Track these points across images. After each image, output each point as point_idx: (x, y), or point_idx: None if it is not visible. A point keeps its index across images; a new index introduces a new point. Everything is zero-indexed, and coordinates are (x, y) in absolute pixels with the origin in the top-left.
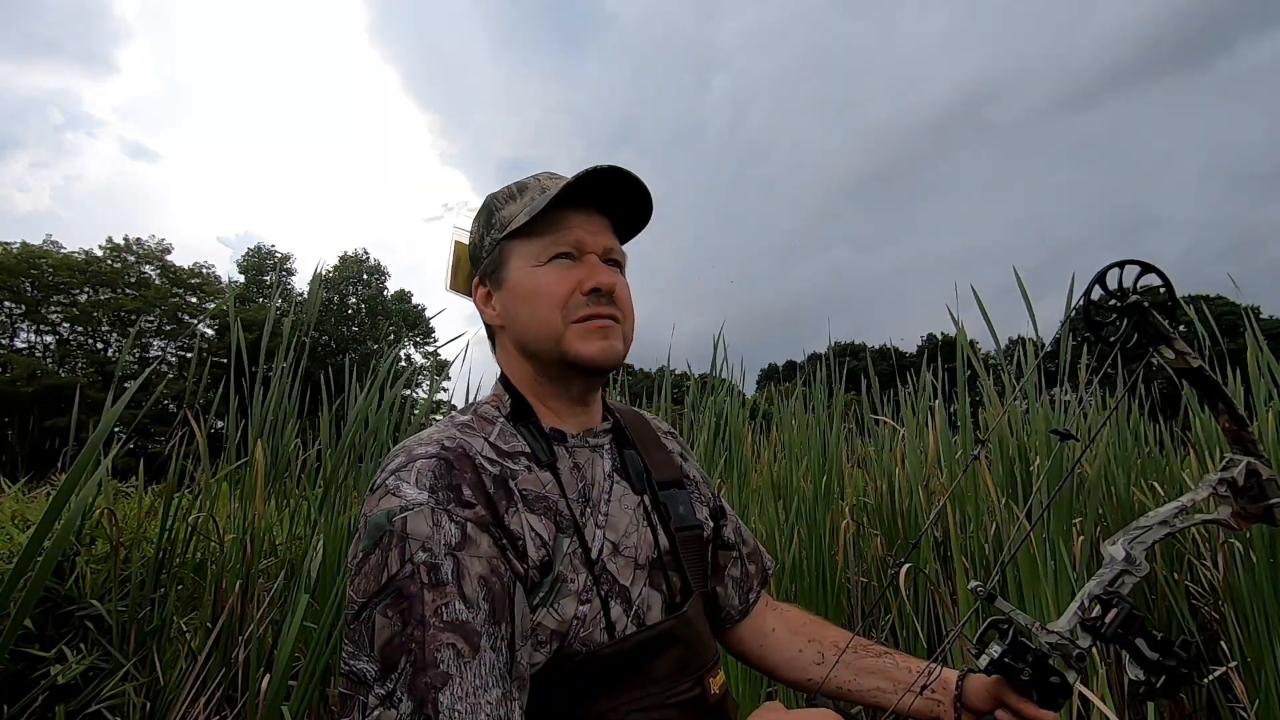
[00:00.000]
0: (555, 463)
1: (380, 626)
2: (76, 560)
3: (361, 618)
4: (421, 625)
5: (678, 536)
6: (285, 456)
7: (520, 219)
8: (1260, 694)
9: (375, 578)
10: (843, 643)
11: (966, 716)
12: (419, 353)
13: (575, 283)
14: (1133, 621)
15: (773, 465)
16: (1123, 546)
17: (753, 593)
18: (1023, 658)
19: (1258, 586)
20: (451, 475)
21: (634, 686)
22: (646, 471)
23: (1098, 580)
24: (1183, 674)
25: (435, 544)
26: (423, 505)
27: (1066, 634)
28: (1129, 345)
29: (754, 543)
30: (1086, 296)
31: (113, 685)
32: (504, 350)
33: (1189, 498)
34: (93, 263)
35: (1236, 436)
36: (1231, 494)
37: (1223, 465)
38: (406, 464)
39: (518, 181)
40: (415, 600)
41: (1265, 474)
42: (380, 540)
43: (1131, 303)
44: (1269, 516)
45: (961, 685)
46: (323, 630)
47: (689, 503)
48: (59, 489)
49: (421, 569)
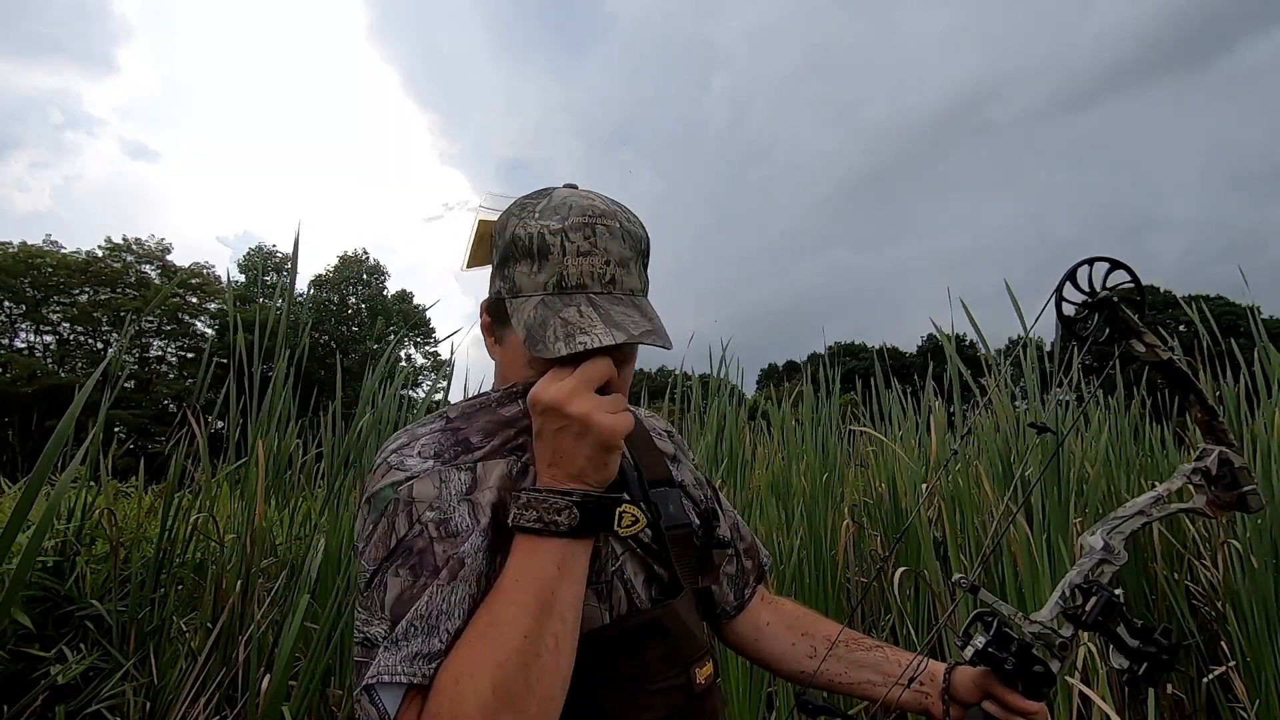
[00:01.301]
0: None
1: (391, 586)
2: (76, 560)
3: (374, 584)
4: (434, 573)
5: (667, 535)
6: (286, 456)
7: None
8: (1260, 694)
9: (384, 544)
10: (835, 636)
11: (954, 708)
12: (419, 353)
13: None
14: (1113, 609)
15: (772, 465)
16: (1101, 536)
17: (748, 588)
18: (1006, 647)
19: (1258, 586)
20: (457, 434)
21: (621, 671)
22: (637, 470)
23: (1078, 569)
24: (1164, 661)
25: (443, 500)
26: (428, 471)
27: (1049, 623)
28: (1101, 340)
29: (751, 539)
30: (1058, 293)
31: (112, 685)
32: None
33: (1165, 488)
34: (93, 263)
35: (1208, 427)
36: (1206, 482)
37: (1196, 455)
38: (409, 442)
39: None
40: (426, 553)
41: (1237, 462)
42: (386, 509)
43: (1101, 298)
44: (1242, 504)
45: (949, 677)
46: (323, 630)
47: (679, 502)
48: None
49: (430, 525)
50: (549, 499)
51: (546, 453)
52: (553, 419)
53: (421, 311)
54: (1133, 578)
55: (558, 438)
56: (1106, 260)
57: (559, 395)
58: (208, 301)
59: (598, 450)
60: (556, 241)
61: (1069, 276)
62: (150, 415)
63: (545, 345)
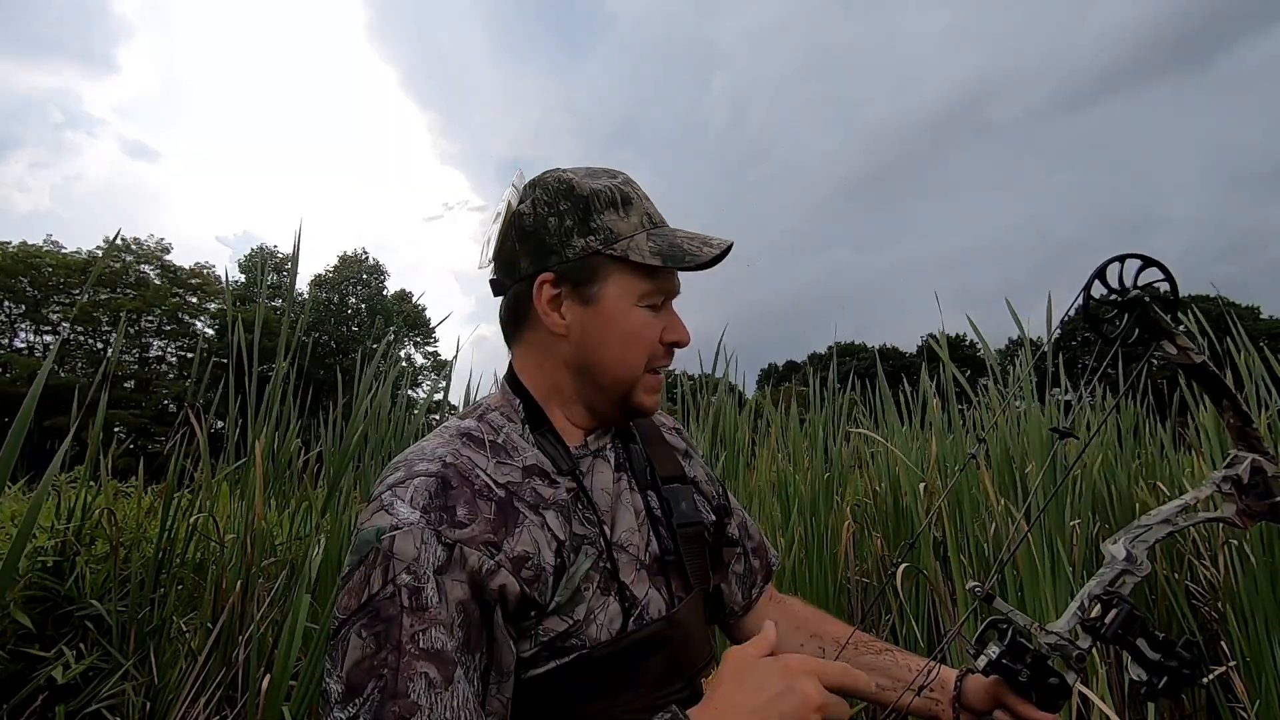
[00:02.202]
0: (577, 470)
1: (352, 646)
2: (76, 560)
3: (339, 635)
4: (397, 650)
5: (680, 533)
6: (286, 456)
7: (644, 253)
8: (1260, 694)
9: (356, 595)
10: (844, 637)
11: (965, 716)
12: (419, 353)
13: (660, 331)
14: (1133, 622)
15: (771, 465)
16: (1124, 546)
17: (756, 588)
18: (1021, 659)
19: (1258, 586)
20: (447, 495)
21: (625, 689)
22: (650, 466)
23: (1098, 580)
24: (1185, 675)
25: (420, 566)
26: (413, 525)
27: (1066, 635)
28: (1130, 341)
29: (759, 538)
30: (1086, 291)
31: (112, 685)
32: (538, 353)
33: (1192, 496)
34: (93, 263)
35: (1241, 433)
36: (1236, 491)
37: (1227, 462)
38: (404, 480)
39: (612, 184)
40: (393, 624)
41: (1271, 470)
42: (366, 557)
43: (1132, 297)
44: (1275, 513)
45: (960, 685)
46: (323, 630)
47: (691, 498)
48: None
49: (403, 591)
50: None
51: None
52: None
53: (424, 313)
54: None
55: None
56: (1139, 257)
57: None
58: (208, 301)
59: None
60: (629, 191)
61: (1098, 274)
62: (150, 415)
63: (694, 256)
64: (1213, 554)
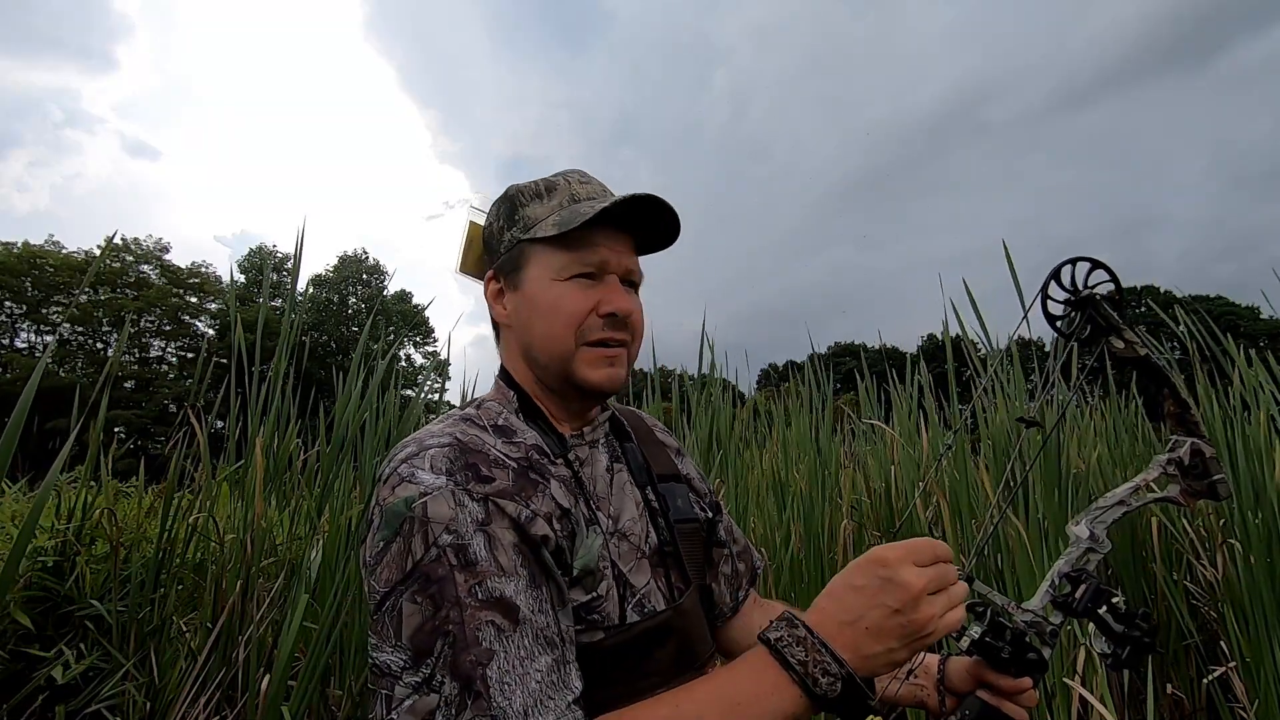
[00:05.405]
0: (568, 454)
1: (409, 614)
2: (76, 560)
3: (385, 608)
4: (457, 606)
5: (677, 529)
6: (285, 456)
7: (547, 227)
8: (1260, 694)
9: (399, 565)
10: None
11: (949, 699)
12: (419, 353)
13: (594, 303)
14: (1100, 595)
15: (769, 464)
16: (1086, 525)
17: (742, 590)
18: (1001, 636)
19: (1257, 586)
20: (467, 457)
21: (633, 678)
22: (645, 464)
23: (1066, 559)
24: (1145, 644)
25: (460, 524)
26: (442, 488)
27: (1040, 612)
28: (1083, 336)
29: (744, 541)
30: (1043, 292)
31: (112, 685)
32: (508, 348)
33: (1142, 478)
34: (93, 262)
35: (1180, 419)
36: (1179, 472)
37: (1169, 446)
38: (418, 452)
39: (546, 179)
40: (446, 583)
41: (1208, 453)
42: (400, 528)
43: (1083, 296)
44: (1212, 492)
45: (943, 668)
46: (323, 630)
47: (686, 496)
48: None
49: (449, 551)
50: (824, 652)
51: (855, 608)
52: (894, 592)
53: (424, 313)
54: (1132, 578)
55: (879, 608)
56: (1088, 260)
57: (916, 581)
58: (208, 301)
59: (908, 645)
60: (559, 180)
61: (1053, 275)
62: (151, 416)
63: (579, 215)
64: (1212, 554)
